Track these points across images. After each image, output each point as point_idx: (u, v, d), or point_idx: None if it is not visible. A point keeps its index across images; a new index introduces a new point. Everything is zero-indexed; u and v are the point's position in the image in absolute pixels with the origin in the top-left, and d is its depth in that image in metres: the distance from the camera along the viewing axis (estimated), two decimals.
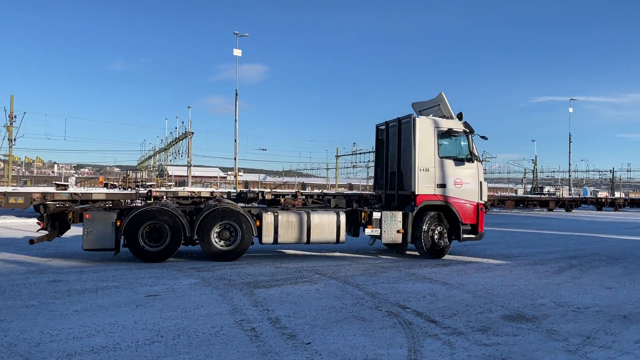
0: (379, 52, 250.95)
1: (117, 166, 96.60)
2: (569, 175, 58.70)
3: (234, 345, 5.06)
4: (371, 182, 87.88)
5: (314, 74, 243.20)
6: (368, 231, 11.71)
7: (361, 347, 5.07)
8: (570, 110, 54.70)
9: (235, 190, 29.87)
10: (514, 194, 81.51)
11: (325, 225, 11.50)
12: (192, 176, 54.33)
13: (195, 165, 60.97)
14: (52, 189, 23.34)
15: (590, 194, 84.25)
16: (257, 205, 12.95)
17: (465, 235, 12.02)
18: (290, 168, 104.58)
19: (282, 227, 11.16)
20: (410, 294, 7.64)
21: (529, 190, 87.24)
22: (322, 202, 26.58)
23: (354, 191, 41.42)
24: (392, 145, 12.97)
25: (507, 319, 6.35)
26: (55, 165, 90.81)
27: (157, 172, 62.90)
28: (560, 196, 44.74)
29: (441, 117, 12.54)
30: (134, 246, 10.09)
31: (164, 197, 27.90)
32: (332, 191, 37.85)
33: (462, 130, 12.23)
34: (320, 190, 31.56)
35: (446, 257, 11.83)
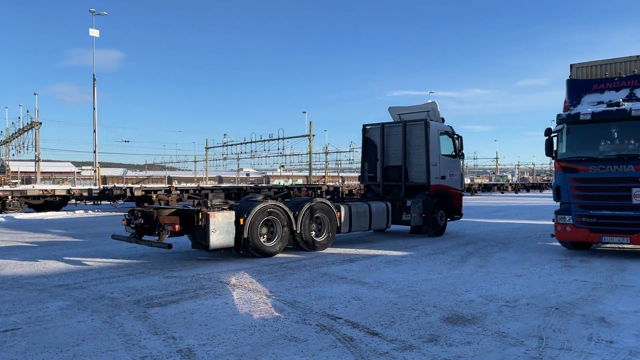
0: (249, 43, 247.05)
1: None
2: None
3: None
4: (242, 175, 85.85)
5: (179, 62, 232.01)
6: (404, 217, 13.63)
7: None
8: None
9: (96, 187, 26.83)
10: None
11: (380, 214, 13.07)
12: (41, 172, 48.53)
13: (44, 160, 54.56)
14: None
15: None
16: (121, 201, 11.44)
17: (455, 216, 15.07)
18: (154, 161, 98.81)
19: (354, 217, 12.31)
20: (333, 300, 6.76)
21: None
22: (200, 196, 24.90)
23: (231, 184, 39.84)
24: (391, 143, 14.92)
25: (448, 322, 5.74)
26: None
27: None
28: None
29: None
30: (255, 243, 10.17)
31: (9, 197, 24.09)
32: (204, 185, 35.88)
33: (452, 132, 14.97)
34: (197, 184, 29.63)
35: (350, 250, 11.21)
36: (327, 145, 70.99)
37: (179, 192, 24.35)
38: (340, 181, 68.39)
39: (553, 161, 11.19)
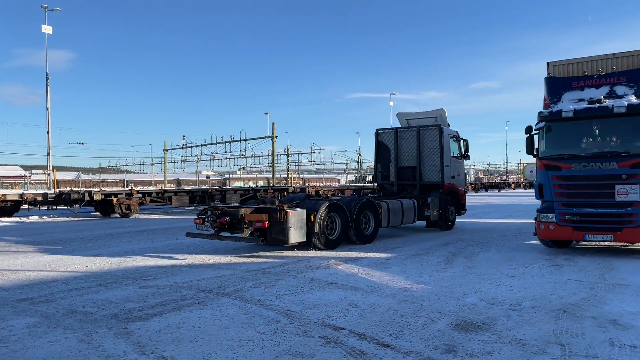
0: (206, 45, 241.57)
1: None
2: None
3: None
4: (202, 177, 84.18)
5: (135, 63, 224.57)
6: (426, 212, 14.74)
7: None
8: (391, 104, 58.66)
9: (52, 191, 25.40)
10: (336, 184, 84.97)
11: (410, 210, 14.11)
12: None
13: None
14: None
15: None
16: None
17: (461, 211, 16.65)
18: (108, 164, 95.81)
19: (391, 213, 13.24)
20: (329, 308, 6.30)
21: (352, 179, 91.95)
22: (162, 199, 23.92)
23: (194, 187, 38.81)
24: (404, 146, 16.11)
25: (459, 329, 5.38)
26: None
27: None
28: None
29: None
30: (323, 237, 11.19)
31: None
32: (167, 187, 34.75)
33: (458, 136, 16.38)
34: (159, 187, 28.56)
35: (331, 253, 10.75)
36: (288, 146, 70.30)
37: (140, 195, 23.28)
38: (301, 182, 67.84)
39: (535, 159, 11.08)
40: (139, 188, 26.81)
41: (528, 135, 10.99)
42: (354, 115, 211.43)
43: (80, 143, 72.98)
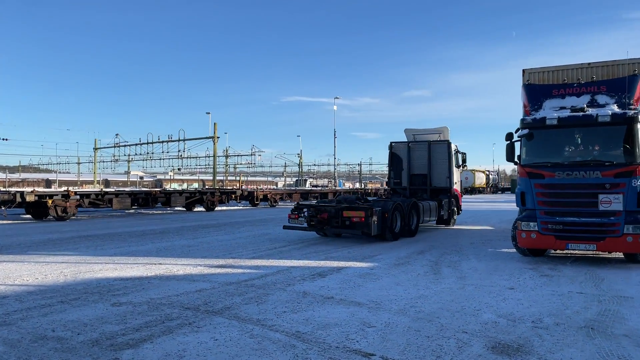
0: (133, 42, 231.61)
1: None
2: (335, 168, 62.70)
3: None
4: (133, 178, 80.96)
5: (61, 58, 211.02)
6: (441, 212, 17.77)
7: None
8: (335, 108, 58.54)
9: None
10: (275, 187, 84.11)
11: (434, 210, 16.84)
12: None
13: None
14: None
15: (344, 185, 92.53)
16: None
17: (460, 211, 19.82)
18: (30, 162, 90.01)
19: (425, 212, 15.82)
20: (342, 328, 5.63)
21: (290, 182, 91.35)
22: (103, 201, 22.32)
23: (135, 188, 36.77)
24: (415, 157, 18.81)
25: (499, 353, 4.88)
26: None
27: None
28: (334, 188, 47.24)
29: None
30: (393, 230, 13.65)
31: None
32: (108, 189, 32.61)
33: (457, 149, 19.15)
34: (101, 189, 26.62)
35: (310, 262, 10.06)
36: (227, 148, 68.79)
37: (78, 197, 21.50)
38: (238, 185, 66.38)
39: (516, 166, 10.91)
40: (77, 189, 24.83)
41: (509, 142, 10.83)
42: (290, 118, 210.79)
43: (4, 139, 67.38)
